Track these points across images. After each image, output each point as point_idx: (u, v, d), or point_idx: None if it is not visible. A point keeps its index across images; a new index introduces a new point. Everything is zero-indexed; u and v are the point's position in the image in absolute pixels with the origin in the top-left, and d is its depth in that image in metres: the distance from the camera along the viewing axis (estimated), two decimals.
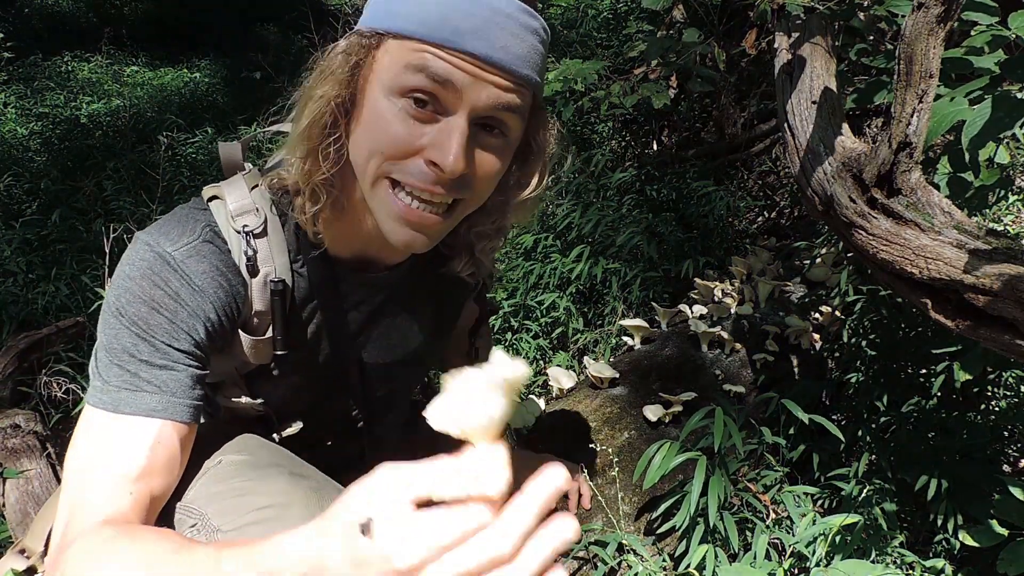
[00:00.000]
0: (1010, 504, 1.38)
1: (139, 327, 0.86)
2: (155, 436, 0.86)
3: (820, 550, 1.37)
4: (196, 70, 6.67)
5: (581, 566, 1.43)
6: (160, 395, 0.86)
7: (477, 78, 0.81)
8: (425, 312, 1.16)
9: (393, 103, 0.82)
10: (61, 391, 2.17)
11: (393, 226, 0.87)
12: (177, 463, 0.89)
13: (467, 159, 0.83)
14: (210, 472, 0.95)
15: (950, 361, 1.70)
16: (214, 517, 0.88)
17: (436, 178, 0.83)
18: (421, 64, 0.80)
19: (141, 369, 0.86)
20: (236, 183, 0.97)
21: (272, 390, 1.07)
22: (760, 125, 3.48)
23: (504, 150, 0.88)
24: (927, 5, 1.13)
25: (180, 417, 0.88)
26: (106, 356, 0.87)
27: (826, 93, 1.53)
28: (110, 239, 2.45)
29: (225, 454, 0.97)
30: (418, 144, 0.82)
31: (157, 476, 0.86)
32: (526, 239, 2.87)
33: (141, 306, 0.87)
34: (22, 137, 4.58)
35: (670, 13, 3.64)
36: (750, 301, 2.20)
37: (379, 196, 0.87)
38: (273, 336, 0.99)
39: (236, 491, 0.90)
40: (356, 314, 1.08)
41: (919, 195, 1.25)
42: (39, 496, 1.66)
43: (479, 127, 0.84)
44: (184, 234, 0.90)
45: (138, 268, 0.88)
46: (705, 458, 1.41)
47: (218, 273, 0.91)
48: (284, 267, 0.97)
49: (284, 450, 1.05)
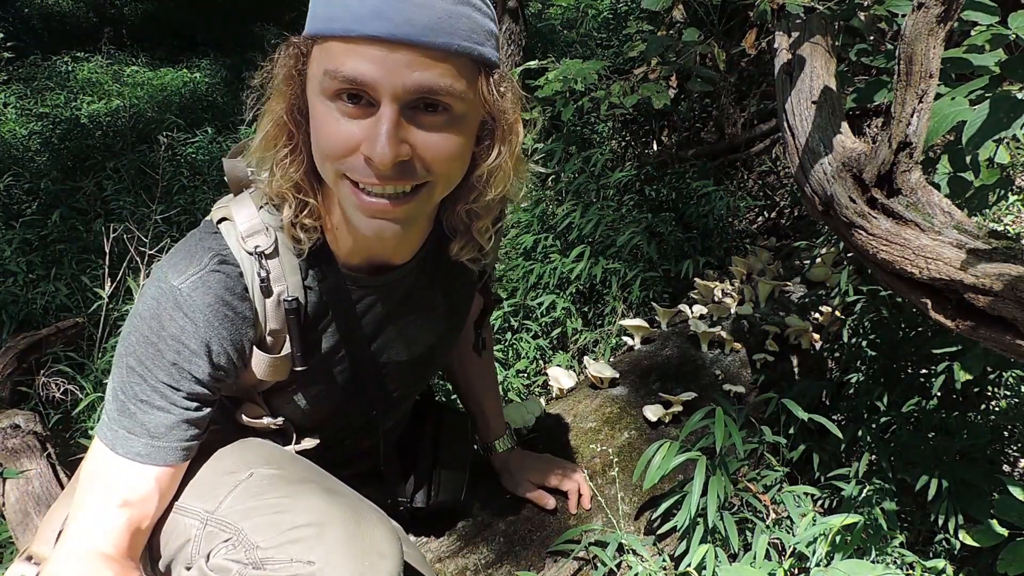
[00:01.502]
0: (1010, 504, 1.37)
1: (145, 366, 0.91)
2: (143, 475, 0.92)
3: (820, 550, 1.37)
4: (196, 70, 6.67)
5: (581, 566, 1.43)
6: (148, 440, 0.92)
7: (388, 62, 0.78)
8: (439, 306, 1.17)
9: (327, 106, 0.83)
10: (60, 392, 2.17)
11: (359, 219, 0.88)
12: (155, 503, 0.94)
13: (398, 145, 0.81)
14: (242, 485, 0.95)
15: (950, 361, 1.70)
16: (251, 533, 0.89)
17: (377, 171, 0.83)
18: (333, 69, 0.80)
19: (139, 409, 0.92)
20: (244, 202, 0.98)
21: (291, 404, 1.09)
22: (760, 125, 3.48)
23: (453, 127, 0.85)
24: (927, 5, 1.13)
25: (162, 462, 0.93)
26: (112, 392, 0.94)
27: (826, 93, 1.52)
28: (110, 239, 2.45)
29: (254, 467, 0.98)
30: (355, 140, 0.82)
31: (138, 511, 0.92)
32: (526, 239, 2.87)
33: (148, 347, 0.91)
34: (22, 137, 4.59)
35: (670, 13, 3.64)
36: (750, 301, 2.20)
37: (343, 193, 0.88)
38: (292, 353, 1.01)
39: (272, 508, 0.91)
40: (371, 316, 1.08)
41: (919, 195, 1.25)
42: (39, 496, 1.66)
43: (418, 109, 0.82)
44: (191, 264, 0.93)
45: (148, 307, 0.92)
46: (705, 458, 1.41)
47: (222, 304, 0.93)
48: (296, 285, 0.99)
49: (313, 464, 1.07)
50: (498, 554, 1.40)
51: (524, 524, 1.46)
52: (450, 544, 1.41)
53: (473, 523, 1.46)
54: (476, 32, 0.83)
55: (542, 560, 1.41)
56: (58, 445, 1.86)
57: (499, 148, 0.94)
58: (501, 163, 0.94)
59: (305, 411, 1.10)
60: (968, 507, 1.51)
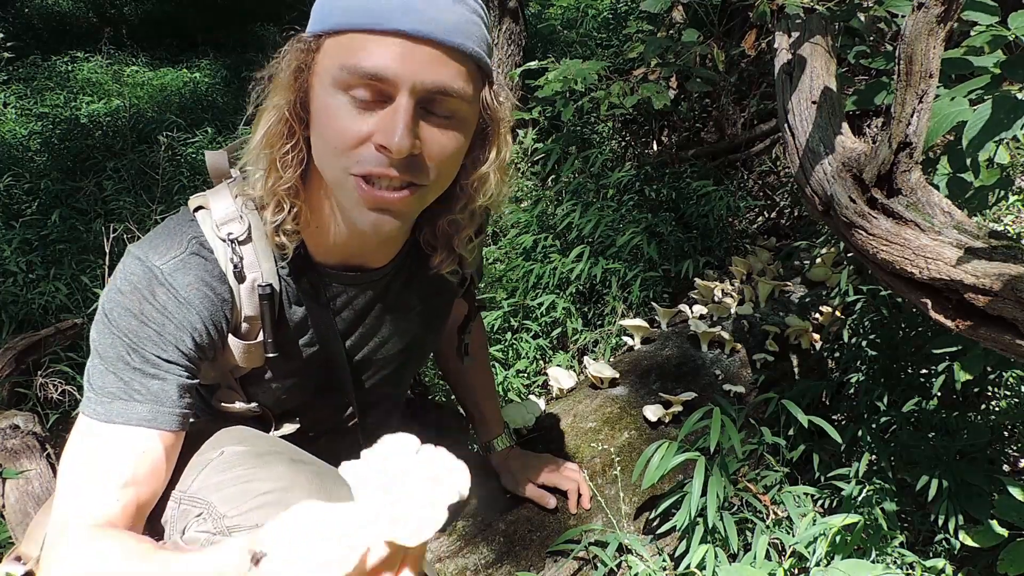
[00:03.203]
0: (1010, 504, 1.38)
1: (129, 339, 0.90)
2: (143, 445, 0.90)
3: (820, 550, 1.37)
4: (196, 70, 6.66)
5: (581, 566, 1.43)
6: (150, 405, 0.90)
7: (410, 57, 0.81)
8: (413, 310, 1.19)
9: (338, 98, 0.84)
10: (58, 392, 2.17)
11: (359, 213, 0.89)
12: (163, 471, 0.93)
13: (413, 138, 0.83)
14: (213, 463, 0.97)
15: (950, 361, 1.70)
16: (219, 505, 0.90)
17: (389, 161, 0.84)
18: (353, 63, 0.81)
19: (135, 377, 0.90)
20: (221, 192, 1.00)
21: (266, 392, 1.10)
22: (760, 125, 3.48)
23: (456, 129, 0.88)
24: (927, 5, 1.13)
25: (168, 426, 0.92)
26: (100, 364, 0.91)
27: (826, 93, 1.52)
28: (110, 239, 2.45)
29: (225, 445, 0.99)
30: (366, 131, 0.84)
31: (144, 484, 0.90)
32: (526, 239, 2.87)
33: (131, 319, 0.90)
34: (22, 137, 4.58)
35: (669, 14, 3.64)
36: (750, 301, 2.20)
37: (344, 190, 0.89)
38: (264, 340, 1.02)
39: (239, 479, 0.93)
40: (346, 312, 1.10)
41: (919, 195, 1.25)
42: (39, 496, 1.66)
43: (426, 110, 0.85)
44: (171, 248, 0.94)
45: (128, 282, 0.92)
46: (704, 458, 1.41)
47: (203, 284, 0.94)
48: (271, 272, 1.00)
49: (282, 440, 1.08)
50: (498, 554, 1.40)
51: (524, 524, 1.46)
52: (450, 544, 1.41)
53: (473, 523, 1.46)
54: (483, 42, 0.88)
55: (542, 560, 1.41)
56: (57, 446, 1.86)
57: (492, 155, 0.97)
58: (492, 171, 0.97)
59: (280, 399, 1.12)
60: (968, 507, 1.51)
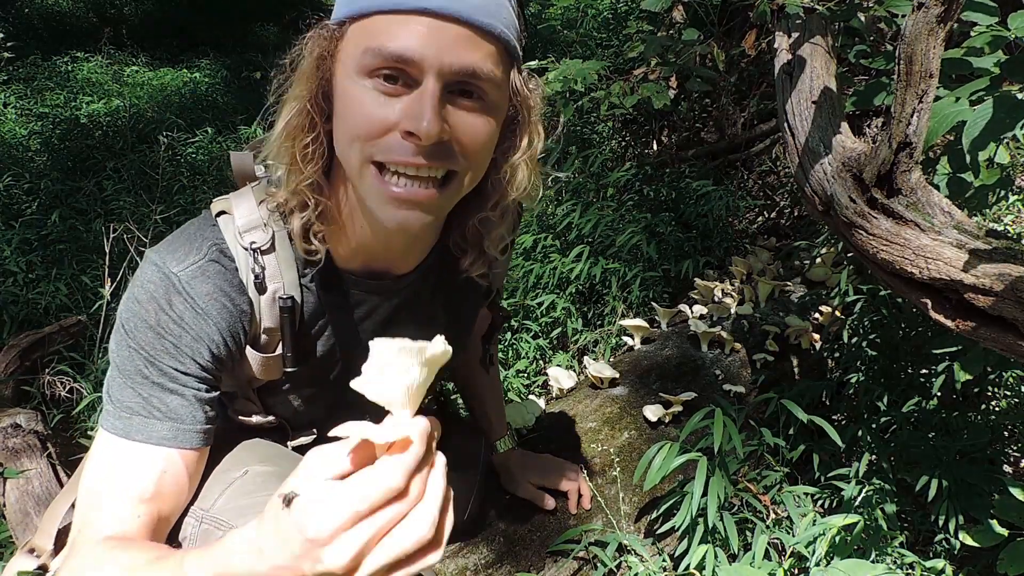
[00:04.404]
0: (1010, 504, 1.38)
1: (147, 351, 0.88)
2: (164, 462, 0.88)
3: (820, 550, 1.37)
4: (196, 70, 6.66)
5: (581, 566, 1.43)
6: (170, 424, 0.89)
7: (436, 37, 0.78)
8: (439, 319, 1.15)
9: (363, 85, 0.81)
10: (64, 390, 2.17)
11: (385, 209, 0.85)
12: (186, 487, 0.91)
13: (442, 122, 0.79)
14: (236, 483, 0.95)
15: (950, 361, 1.70)
16: None
17: (416, 149, 0.80)
18: (377, 46, 0.78)
19: (153, 393, 0.88)
20: (245, 196, 0.96)
21: (283, 403, 1.07)
22: (760, 125, 3.48)
23: (486, 113, 0.84)
24: (927, 5, 1.13)
25: (189, 444, 0.90)
26: (119, 377, 0.89)
27: (826, 93, 1.52)
28: (110, 239, 2.45)
29: (249, 464, 0.98)
30: (393, 118, 0.80)
31: (165, 500, 0.88)
32: (526, 239, 2.87)
33: (148, 331, 0.88)
34: (22, 137, 4.58)
35: (670, 14, 3.64)
36: (750, 301, 2.20)
37: (367, 183, 0.84)
38: (283, 353, 0.99)
39: (265, 505, 0.91)
40: (368, 323, 1.06)
41: (919, 195, 1.25)
42: (39, 496, 1.65)
43: (454, 93, 0.82)
44: (191, 253, 0.91)
45: (145, 291, 0.89)
46: (706, 459, 1.41)
47: (222, 294, 0.91)
48: (293, 283, 0.96)
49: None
50: (498, 554, 1.40)
51: (524, 524, 1.47)
52: (450, 544, 1.41)
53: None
54: (512, 24, 0.85)
55: (542, 560, 1.41)
56: (59, 445, 1.86)
57: (524, 144, 0.93)
58: (524, 161, 0.93)
59: (298, 410, 1.09)
60: (968, 507, 1.51)
